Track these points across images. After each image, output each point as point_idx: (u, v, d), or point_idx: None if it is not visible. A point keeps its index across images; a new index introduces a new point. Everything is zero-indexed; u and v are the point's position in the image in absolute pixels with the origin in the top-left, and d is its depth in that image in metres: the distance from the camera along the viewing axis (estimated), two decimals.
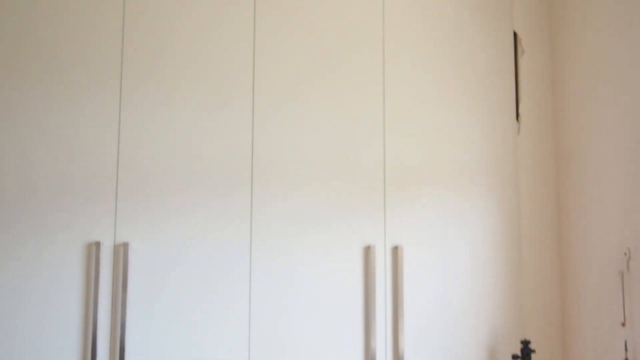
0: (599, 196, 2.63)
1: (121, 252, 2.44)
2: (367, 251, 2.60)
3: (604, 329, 2.58)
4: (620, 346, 2.48)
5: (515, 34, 2.90)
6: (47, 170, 2.44)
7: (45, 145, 2.45)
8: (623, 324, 2.45)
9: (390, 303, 2.61)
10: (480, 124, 2.79)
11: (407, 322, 2.62)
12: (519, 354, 2.70)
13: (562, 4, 2.93)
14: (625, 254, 2.46)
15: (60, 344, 2.38)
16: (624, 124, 2.50)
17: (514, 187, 2.80)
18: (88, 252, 2.43)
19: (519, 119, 2.87)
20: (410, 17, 2.76)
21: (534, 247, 2.89)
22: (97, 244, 2.43)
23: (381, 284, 2.61)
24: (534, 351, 2.62)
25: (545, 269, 2.89)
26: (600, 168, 2.63)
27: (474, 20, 2.83)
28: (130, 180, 2.48)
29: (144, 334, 2.43)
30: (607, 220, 2.58)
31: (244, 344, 2.48)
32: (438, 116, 2.75)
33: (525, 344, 2.63)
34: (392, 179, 2.66)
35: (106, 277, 2.43)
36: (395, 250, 2.63)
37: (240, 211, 2.52)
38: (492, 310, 2.71)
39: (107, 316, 2.42)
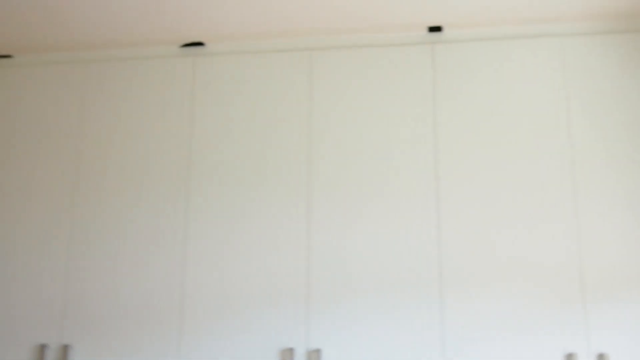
0: None
1: (314, 358, 2.48)
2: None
3: None
4: None
5: None
6: (248, 280, 2.58)
7: (243, 256, 2.60)
8: None
9: None
10: None
11: None
12: None
13: None
14: None
15: None
16: None
17: None
18: (282, 357, 2.50)
19: None
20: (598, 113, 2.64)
21: None
22: (291, 350, 2.49)
23: None
24: None
25: None
26: None
27: None
28: (320, 290, 2.54)
29: None
30: None
31: None
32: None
33: None
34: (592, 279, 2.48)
35: None
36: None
37: (430, 318, 2.47)
38: None
39: None
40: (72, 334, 2.66)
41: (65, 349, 2.62)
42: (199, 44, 2.82)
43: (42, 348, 2.64)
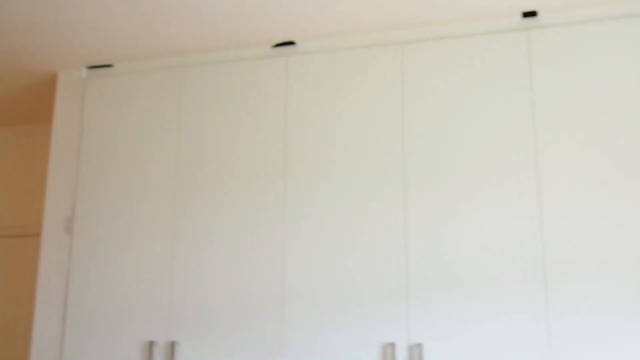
0: None
1: (415, 353, 2.47)
2: None
3: None
4: None
5: None
6: (348, 276, 2.60)
7: (341, 253, 2.62)
8: None
9: None
10: None
11: None
12: None
13: None
14: None
15: None
16: None
17: None
18: (384, 352, 2.50)
19: None
20: None
21: None
22: (392, 345, 2.49)
23: None
24: None
25: None
26: None
27: None
28: (420, 285, 2.52)
29: None
30: None
31: None
32: None
33: None
34: None
35: None
36: None
37: (534, 311, 2.41)
38: None
39: None
40: (179, 331, 2.75)
41: (172, 346, 2.71)
42: (291, 43, 2.85)
43: (151, 345, 2.74)
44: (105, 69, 3.13)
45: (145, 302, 2.81)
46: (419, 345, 2.46)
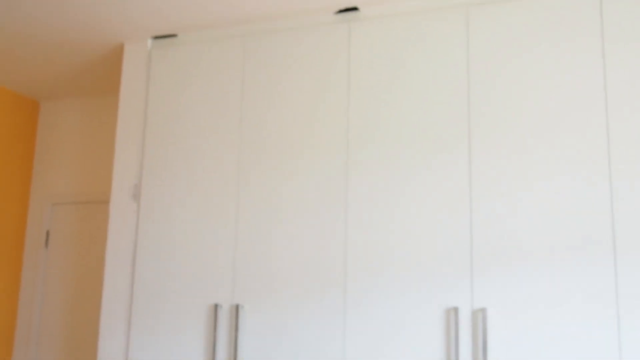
0: None
1: (479, 318, 2.46)
2: None
3: None
4: None
5: None
6: (411, 240, 2.60)
7: (405, 217, 2.62)
8: None
9: None
10: None
11: None
12: None
13: None
14: None
15: None
16: None
17: None
18: (447, 317, 2.51)
19: None
20: None
21: None
22: (455, 309, 2.49)
23: None
24: None
25: None
26: None
27: None
28: (484, 249, 2.51)
29: None
30: None
31: None
32: None
33: None
34: None
35: (465, 341, 2.47)
36: None
37: (602, 280, 2.37)
38: None
39: None
40: (243, 294, 2.80)
41: (236, 309, 2.77)
42: (354, 9, 2.85)
43: (216, 307, 2.81)
44: (170, 39, 3.18)
45: (210, 266, 2.88)
46: (483, 310, 2.46)
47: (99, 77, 3.78)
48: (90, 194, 3.94)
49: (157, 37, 3.21)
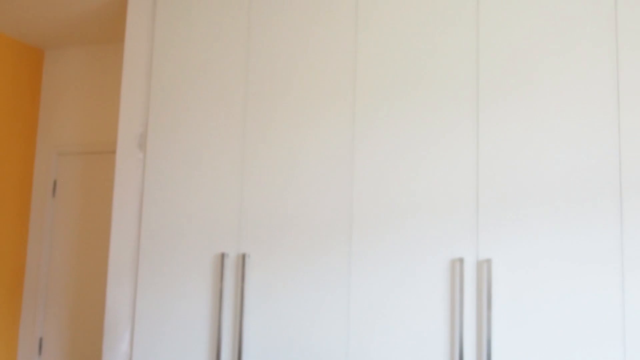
0: None
1: (484, 269, 2.47)
2: None
3: None
4: None
5: None
6: (417, 191, 2.60)
7: (410, 168, 2.61)
8: None
9: None
10: None
11: None
12: None
13: None
14: None
15: (430, 348, 2.49)
16: None
17: None
18: (452, 268, 2.51)
19: None
20: None
21: None
22: (461, 260, 2.49)
23: None
24: None
25: None
26: None
27: None
28: (490, 199, 2.50)
29: (510, 346, 2.41)
30: None
31: (618, 343, 2.31)
32: None
33: None
34: None
35: (470, 292, 2.48)
36: None
37: (609, 231, 2.36)
38: None
39: (472, 329, 2.46)
40: (249, 244, 2.81)
41: (243, 258, 2.79)
42: None
43: (223, 256, 2.82)
44: None
45: (217, 215, 2.88)
46: (488, 261, 2.46)
47: (104, 24, 3.74)
48: (97, 144, 3.93)
49: None
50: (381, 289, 2.60)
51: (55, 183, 4.00)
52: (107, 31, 3.82)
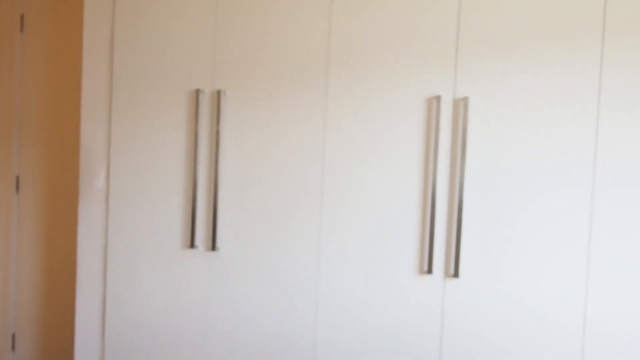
0: None
1: (461, 107, 2.46)
2: None
3: None
4: None
5: None
6: (392, 28, 2.53)
7: (398, 5, 2.53)
8: None
9: None
10: None
11: None
12: None
13: None
14: None
15: (401, 185, 2.54)
16: None
17: None
18: (429, 105, 2.50)
19: None
20: None
21: None
22: (438, 98, 2.48)
23: None
24: None
25: None
26: None
27: None
28: (471, 37, 2.45)
29: (481, 188, 2.46)
30: None
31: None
32: None
33: None
34: None
35: (446, 132, 2.49)
36: None
37: (585, 63, 2.35)
38: None
39: (446, 165, 2.49)
40: (225, 80, 2.76)
41: (218, 94, 2.75)
42: None
43: (197, 93, 2.78)
44: None
45: (190, 52, 2.81)
46: (465, 99, 2.45)
47: None
48: None
49: None
50: (357, 126, 2.59)
51: (22, 17, 3.85)
52: None
